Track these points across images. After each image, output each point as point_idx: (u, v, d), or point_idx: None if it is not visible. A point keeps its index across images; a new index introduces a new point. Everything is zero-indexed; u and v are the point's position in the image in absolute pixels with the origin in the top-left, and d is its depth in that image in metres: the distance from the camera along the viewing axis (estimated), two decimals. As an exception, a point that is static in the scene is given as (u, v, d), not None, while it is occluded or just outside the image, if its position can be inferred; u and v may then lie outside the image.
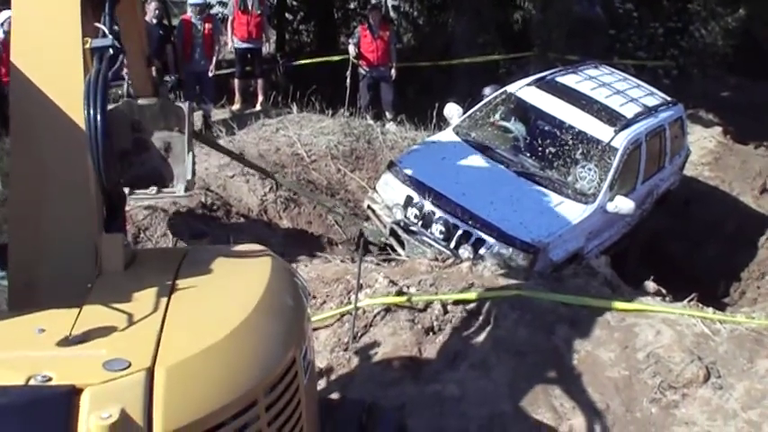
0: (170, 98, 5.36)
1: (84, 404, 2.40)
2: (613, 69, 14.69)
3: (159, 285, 3.06)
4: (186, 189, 4.90)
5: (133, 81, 5.02)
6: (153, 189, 4.86)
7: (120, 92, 4.91)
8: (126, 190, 4.77)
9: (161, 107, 5.10)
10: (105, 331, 2.69)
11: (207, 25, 14.64)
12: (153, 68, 5.23)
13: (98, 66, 3.32)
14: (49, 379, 2.45)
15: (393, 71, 16.57)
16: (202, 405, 2.58)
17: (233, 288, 3.24)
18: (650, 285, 9.12)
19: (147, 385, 2.49)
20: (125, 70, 5.04)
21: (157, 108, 5.08)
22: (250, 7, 15.88)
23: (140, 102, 5.06)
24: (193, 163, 5.03)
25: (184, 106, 5.12)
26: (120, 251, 3.25)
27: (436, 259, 9.15)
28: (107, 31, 3.51)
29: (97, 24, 3.55)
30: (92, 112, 3.12)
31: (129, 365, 2.51)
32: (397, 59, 16.75)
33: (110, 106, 4.87)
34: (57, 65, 3.43)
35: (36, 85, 3.35)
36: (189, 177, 4.90)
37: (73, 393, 2.41)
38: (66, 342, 2.62)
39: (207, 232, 10.23)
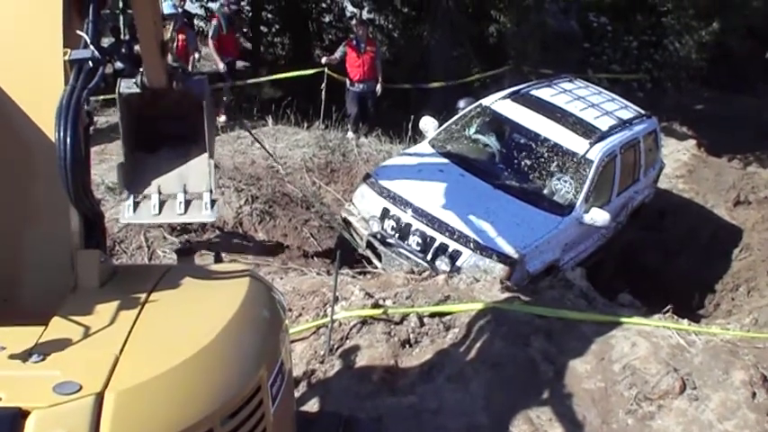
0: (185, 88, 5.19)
1: (29, 428, 2.33)
2: (588, 83, 14.81)
3: (130, 304, 2.98)
4: (213, 206, 4.77)
5: (146, 71, 4.82)
6: (180, 209, 4.74)
7: (134, 81, 4.74)
8: (155, 198, 4.68)
9: (180, 96, 4.99)
10: (64, 351, 2.62)
11: (180, 36, 14.59)
12: (168, 57, 5.08)
13: (73, 82, 3.09)
14: None
15: (379, 86, 16.62)
16: None
17: (204, 309, 3.15)
18: (626, 297, 9.16)
19: (95, 411, 2.41)
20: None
21: (174, 98, 4.98)
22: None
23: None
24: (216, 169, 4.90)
25: (204, 89, 5.00)
26: (95, 267, 3.15)
27: (412, 272, 9.15)
28: (89, 41, 3.28)
29: (79, 32, 3.33)
30: (62, 133, 2.92)
31: (80, 389, 2.44)
32: (373, 73, 16.77)
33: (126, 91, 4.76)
34: (37, 75, 3.30)
35: (16, 96, 3.28)
36: (213, 188, 4.78)
37: (19, 416, 2.34)
38: (24, 361, 2.55)
39: (194, 248, 10.17)
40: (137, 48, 4.78)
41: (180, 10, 15.96)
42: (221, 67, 16.17)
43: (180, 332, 2.95)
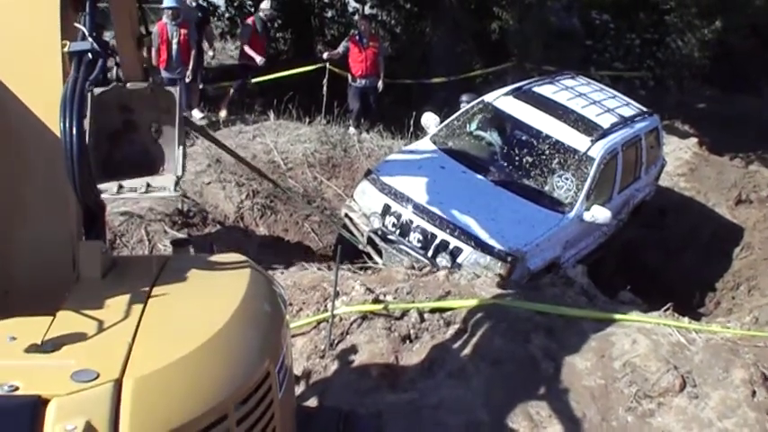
0: (160, 82, 5.26)
1: (49, 415, 2.35)
2: (590, 80, 14.75)
3: (135, 294, 3.00)
4: (176, 186, 4.81)
5: (122, 64, 4.86)
6: (142, 187, 4.77)
7: (109, 75, 4.77)
8: (114, 186, 4.71)
9: (151, 91, 5.03)
10: (76, 340, 2.64)
11: (182, 31, 14.56)
12: (143, 51, 5.14)
13: (75, 74, 3.13)
14: (16, 389, 2.40)
15: (380, 83, 16.64)
16: (170, 418, 2.53)
17: (209, 298, 3.17)
18: (626, 295, 9.15)
19: (115, 397, 2.44)
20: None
21: (147, 92, 5.01)
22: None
23: (129, 86, 4.98)
24: (184, 156, 4.96)
25: (175, 91, 5.04)
26: (97, 258, 3.16)
27: (413, 267, 9.14)
28: (87, 34, 3.32)
29: (77, 25, 3.38)
30: (67, 124, 2.95)
31: (98, 376, 2.46)
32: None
33: (99, 90, 4.82)
34: (34, 69, 3.33)
35: (12, 91, 3.28)
36: (180, 174, 4.81)
37: (39, 404, 2.36)
38: (37, 351, 2.57)
39: (189, 240, 10.15)
40: (112, 42, 4.77)
41: (193, 3, 16.04)
42: (258, 60, 16.42)
43: (188, 321, 2.97)
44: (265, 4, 16.97)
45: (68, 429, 2.32)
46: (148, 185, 4.76)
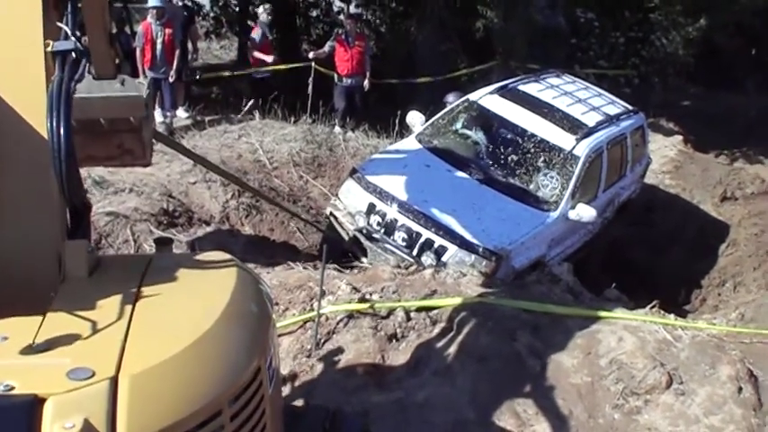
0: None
1: (47, 414, 2.35)
2: (575, 78, 14.75)
3: (124, 293, 2.99)
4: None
5: (94, 59, 4.87)
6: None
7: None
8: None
9: (122, 84, 5.08)
10: (69, 339, 2.63)
11: (167, 30, 14.55)
12: (115, 47, 5.18)
13: (60, 73, 3.13)
14: (12, 388, 2.39)
15: (366, 82, 16.66)
16: (167, 414, 2.53)
17: (198, 296, 3.17)
18: (612, 292, 9.16)
19: (111, 394, 2.44)
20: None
21: (118, 86, 5.07)
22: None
23: (101, 80, 5.03)
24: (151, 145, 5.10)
25: (145, 82, 5.11)
26: (84, 258, 3.16)
27: (399, 266, 9.13)
28: (70, 33, 3.31)
29: (59, 24, 3.35)
30: (54, 124, 2.95)
31: (93, 374, 2.46)
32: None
33: None
34: (16, 69, 3.29)
35: None
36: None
37: (36, 403, 2.36)
38: (30, 350, 2.56)
39: (171, 239, 10.12)
40: (85, 39, 4.77)
41: (179, 2, 16.08)
42: (269, 59, 17.03)
43: (180, 318, 2.97)
44: (263, 14, 17.37)
45: (67, 427, 2.32)
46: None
